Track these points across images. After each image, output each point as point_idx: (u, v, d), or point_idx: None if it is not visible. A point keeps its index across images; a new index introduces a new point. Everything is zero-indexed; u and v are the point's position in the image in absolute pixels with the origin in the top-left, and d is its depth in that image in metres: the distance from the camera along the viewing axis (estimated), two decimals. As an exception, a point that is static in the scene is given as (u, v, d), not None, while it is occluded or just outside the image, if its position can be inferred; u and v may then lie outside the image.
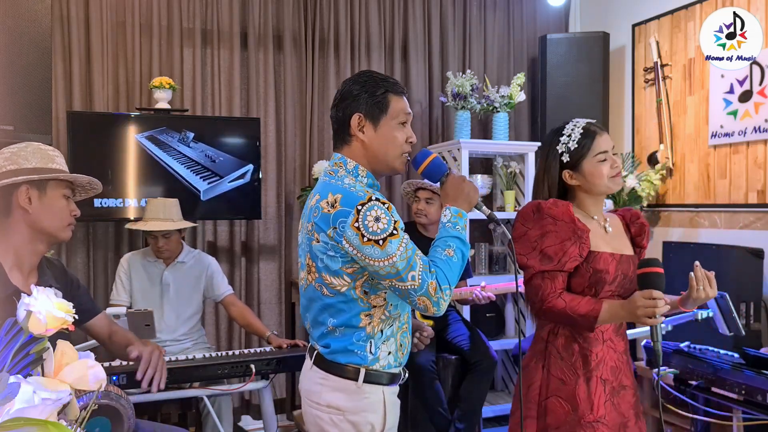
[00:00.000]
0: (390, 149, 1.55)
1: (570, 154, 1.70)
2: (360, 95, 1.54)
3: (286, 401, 3.79)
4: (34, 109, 2.76)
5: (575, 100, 3.92)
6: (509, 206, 3.88)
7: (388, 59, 4.03)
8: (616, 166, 1.70)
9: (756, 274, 2.92)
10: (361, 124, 1.54)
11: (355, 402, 1.52)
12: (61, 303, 1.01)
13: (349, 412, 1.52)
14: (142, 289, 2.88)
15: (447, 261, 1.47)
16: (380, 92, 1.54)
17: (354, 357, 1.51)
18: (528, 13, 4.38)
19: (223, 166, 3.17)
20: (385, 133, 1.54)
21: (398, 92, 1.56)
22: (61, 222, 1.76)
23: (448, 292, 1.44)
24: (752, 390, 2.18)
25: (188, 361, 2.41)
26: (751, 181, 3.19)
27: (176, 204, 2.88)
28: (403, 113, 1.56)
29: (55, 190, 1.74)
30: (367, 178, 1.56)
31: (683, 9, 3.59)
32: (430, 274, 1.44)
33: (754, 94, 3.16)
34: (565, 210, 1.65)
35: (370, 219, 1.42)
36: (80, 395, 1.04)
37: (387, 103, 1.54)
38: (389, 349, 1.54)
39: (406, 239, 1.45)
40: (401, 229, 1.46)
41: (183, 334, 2.91)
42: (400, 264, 1.42)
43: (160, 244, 2.83)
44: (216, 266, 2.99)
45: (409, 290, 1.43)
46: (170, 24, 3.54)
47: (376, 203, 1.44)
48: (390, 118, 1.54)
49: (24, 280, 1.73)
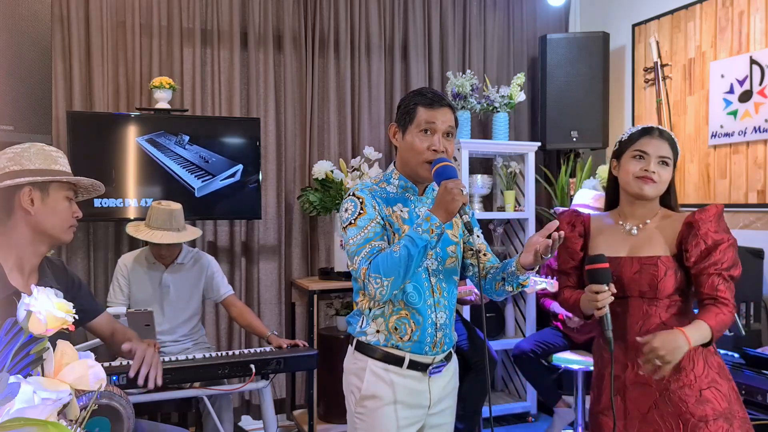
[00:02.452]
0: (411, 155, 1.70)
1: (619, 143, 1.83)
2: (400, 107, 1.76)
3: (286, 401, 3.79)
4: (34, 109, 2.76)
5: (575, 100, 3.93)
6: (509, 206, 3.89)
7: (388, 59, 4.03)
8: (647, 169, 1.72)
9: (756, 274, 2.92)
10: (395, 133, 1.76)
11: (350, 364, 1.78)
12: (61, 303, 1.01)
13: (347, 372, 1.79)
14: (142, 292, 2.86)
15: (389, 254, 1.58)
16: (411, 104, 1.71)
17: (352, 327, 1.78)
18: (528, 13, 4.39)
19: (216, 165, 3.22)
20: (408, 141, 1.71)
21: (427, 104, 1.69)
22: (63, 224, 1.76)
23: (378, 281, 1.56)
24: (752, 390, 2.18)
25: (188, 361, 2.41)
26: (751, 181, 3.19)
27: (181, 211, 2.82)
28: (425, 122, 1.68)
29: (58, 192, 1.74)
30: (399, 180, 1.76)
31: (683, 9, 3.59)
32: (367, 262, 1.60)
33: (754, 94, 3.16)
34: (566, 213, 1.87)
35: (343, 209, 1.70)
36: (80, 395, 1.04)
37: (414, 114, 1.70)
38: (378, 328, 1.71)
39: (368, 230, 1.64)
40: (367, 219, 1.64)
41: (183, 335, 2.91)
42: (352, 249, 1.65)
43: (163, 252, 2.82)
44: (215, 266, 2.98)
45: (353, 271, 1.68)
46: (170, 24, 3.54)
47: (351, 197, 1.69)
48: (414, 127, 1.70)
49: (24, 281, 1.72)
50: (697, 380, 1.66)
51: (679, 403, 1.65)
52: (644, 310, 1.71)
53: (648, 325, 1.70)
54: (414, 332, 1.69)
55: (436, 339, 1.72)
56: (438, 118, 1.68)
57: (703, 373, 1.67)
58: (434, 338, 1.72)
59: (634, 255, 1.74)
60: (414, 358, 1.71)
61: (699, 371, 1.67)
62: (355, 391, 1.73)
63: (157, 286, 2.87)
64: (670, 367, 1.56)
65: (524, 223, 3.91)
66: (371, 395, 1.70)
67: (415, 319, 1.69)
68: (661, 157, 1.74)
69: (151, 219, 2.78)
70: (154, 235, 2.72)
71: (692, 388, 1.65)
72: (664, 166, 1.74)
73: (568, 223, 1.87)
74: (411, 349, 1.70)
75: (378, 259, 1.58)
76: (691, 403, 1.64)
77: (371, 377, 1.70)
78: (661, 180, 1.74)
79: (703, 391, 1.65)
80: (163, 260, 2.88)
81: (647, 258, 1.72)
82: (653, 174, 1.72)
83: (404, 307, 1.70)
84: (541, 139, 4.00)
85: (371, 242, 1.63)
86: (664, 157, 1.74)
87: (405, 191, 1.75)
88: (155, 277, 2.88)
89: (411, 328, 1.69)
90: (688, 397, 1.65)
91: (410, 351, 1.70)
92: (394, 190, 1.75)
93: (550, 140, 3.98)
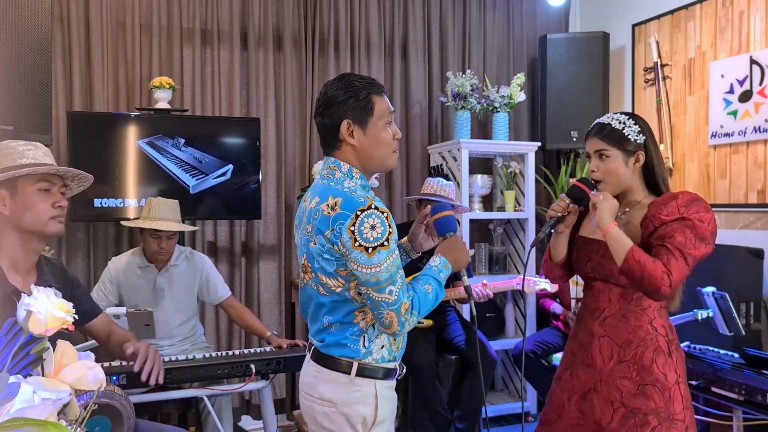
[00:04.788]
0: (380, 149, 1.60)
1: None
2: (346, 101, 1.56)
3: (286, 401, 3.79)
4: (34, 109, 2.76)
5: (575, 100, 3.93)
6: (509, 206, 3.89)
7: (388, 59, 4.03)
8: (592, 170, 1.78)
9: (756, 274, 2.92)
10: (350, 130, 1.57)
11: (347, 395, 1.55)
12: (61, 303, 1.01)
13: (342, 405, 1.56)
14: (135, 297, 2.80)
15: (424, 293, 1.54)
16: (363, 95, 1.57)
17: (347, 350, 1.56)
18: (528, 13, 4.39)
19: (208, 165, 3.30)
20: (374, 135, 1.58)
21: (379, 92, 1.60)
22: (41, 217, 1.69)
23: (415, 318, 1.50)
24: (752, 390, 2.18)
25: (188, 361, 2.41)
26: (751, 181, 3.19)
27: (178, 205, 2.83)
28: (387, 113, 1.61)
29: (27, 186, 1.68)
30: (360, 179, 1.59)
31: (683, 9, 3.59)
32: (407, 295, 1.50)
33: (754, 94, 3.16)
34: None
35: (366, 226, 1.45)
36: (80, 395, 1.04)
37: (372, 106, 1.58)
38: (382, 343, 1.58)
39: (396, 255, 1.50)
40: (394, 240, 1.49)
41: (181, 339, 2.87)
42: (383, 275, 1.46)
43: (163, 245, 2.75)
44: (210, 267, 2.92)
45: (381, 302, 1.48)
46: (170, 24, 3.54)
47: (375, 211, 1.47)
48: (376, 119, 1.58)
49: (23, 280, 1.72)
50: (640, 375, 1.69)
51: (615, 391, 1.71)
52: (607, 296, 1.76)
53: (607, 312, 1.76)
54: (402, 339, 1.66)
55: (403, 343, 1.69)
56: (390, 106, 1.64)
57: (650, 368, 1.69)
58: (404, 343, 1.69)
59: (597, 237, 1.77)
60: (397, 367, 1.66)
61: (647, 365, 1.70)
62: (367, 420, 1.56)
63: (151, 289, 2.81)
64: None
65: (524, 223, 3.91)
66: (383, 420, 1.58)
67: None
68: (597, 152, 1.77)
69: (151, 211, 2.74)
70: (159, 224, 2.69)
71: (633, 381, 1.69)
72: (603, 158, 1.76)
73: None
74: (396, 356, 1.65)
75: (419, 297, 1.52)
76: (629, 394, 1.68)
77: (383, 402, 1.57)
78: (606, 172, 1.75)
79: (645, 386, 1.68)
80: (161, 257, 2.80)
81: (594, 240, 1.78)
82: (594, 172, 1.77)
83: None
84: (541, 139, 4.01)
85: (401, 271, 1.51)
86: (599, 150, 1.76)
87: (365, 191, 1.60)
88: (148, 280, 2.81)
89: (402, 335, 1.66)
90: (626, 388, 1.69)
91: (395, 359, 1.65)
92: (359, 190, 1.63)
93: (550, 140, 3.98)
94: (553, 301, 3.57)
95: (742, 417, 2.39)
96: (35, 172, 1.68)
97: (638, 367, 1.69)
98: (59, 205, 1.73)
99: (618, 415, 1.69)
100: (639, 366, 1.69)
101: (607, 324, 1.75)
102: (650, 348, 1.69)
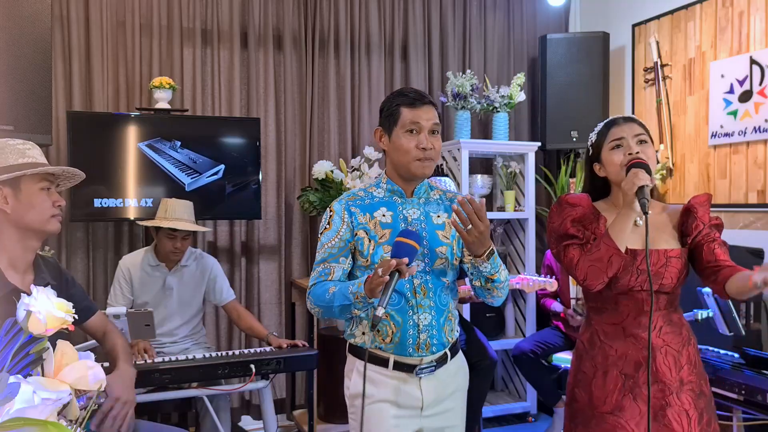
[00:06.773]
0: (401, 156, 1.72)
1: (591, 146, 1.79)
2: (382, 110, 1.77)
3: (286, 401, 3.79)
4: (34, 109, 2.77)
5: (575, 100, 3.93)
6: (509, 206, 3.89)
7: (388, 59, 4.03)
8: (630, 153, 1.66)
9: (756, 274, 2.91)
10: (381, 136, 1.77)
11: (345, 366, 1.81)
12: (61, 303, 1.01)
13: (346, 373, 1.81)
14: (146, 294, 2.84)
15: (325, 290, 1.67)
16: (394, 106, 1.73)
17: (345, 331, 1.82)
18: (528, 13, 4.39)
19: (202, 165, 3.34)
20: (395, 142, 1.73)
21: (409, 104, 1.71)
22: (44, 215, 1.72)
23: (311, 304, 1.72)
24: (752, 390, 2.18)
25: (188, 361, 2.41)
26: (751, 181, 3.19)
27: (192, 206, 2.92)
28: (409, 122, 1.70)
29: (30, 184, 1.70)
30: (387, 184, 1.78)
31: (683, 9, 3.59)
32: (313, 283, 1.73)
33: (754, 94, 3.16)
34: (583, 197, 1.77)
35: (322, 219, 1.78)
36: (80, 395, 1.04)
37: (398, 115, 1.72)
38: (363, 330, 1.74)
39: (327, 248, 1.72)
40: (331, 234, 1.72)
41: (184, 336, 2.91)
42: (316, 259, 1.76)
43: (178, 245, 2.81)
44: (218, 269, 2.98)
45: None
46: (170, 24, 3.54)
47: (328, 210, 1.76)
48: (399, 128, 1.71)
49: (21, 278, 1.72)
50: (696, 374, 1.70)
51: (685, 399, 1.66)
52: (655, 305, 1.66)
53: (659, 321, 1.68)
54: (395, 334, 1.69)
55: (419, 341, 1.69)
56: (422, 117, 1.70)
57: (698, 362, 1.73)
58: (417, 340, 1.69)
59: (652, 248, 1.67)
60: (398, 360, 1.70)
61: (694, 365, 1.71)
62: (346, 391, 1.78)
63: (161, 288, 2.86)
64: None
65: (524, 223, 3.91)
66: (357, 394, 1.69)
67: (395, 320, 1.69)
68: (637, 136, 1.70)
69: (167, 211, 2.83)
70: (177, 224, 2.77)
71: (695, 383, 1.68)
72: (644, 144, 1.70)
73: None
74: (393, 350, 1.70)
75: (318, 288, 1.70)
76: (694, 396, 1.67)
77: (357, 377, 1.72)
78: (648, 158, 1.67)
79: (701, 383, 1.70)
80: (174, 257, 2.86)
81: (672, 251, 1.68)
82: (639, 153, 1.67)
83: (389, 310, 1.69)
84: (541, 139, 4.01)
85: (326, 262, 1.73)
86: (639, 134, 1.70)
87: (392, 194, 1.77)
88: (158, 279, 2.87)
89: (392, 329, 1.69)
90: (692, 392, 1.67)
91: (393, 352, 1.70)
92: (382, 194, 1.78)
93: (550, 140, 3.98)
94: (553, 300, 3.57)
95: (742, 417, 2.39)
96: (41, 171, 1.70)
97: (692, 365, 1.69)
98: (59, 204, 1.77)
99: (694, 421, 1.64)
100: (691, 364, 1.69)
101: (663, 333, 1.69)
102: (693, 343, 1.72)
